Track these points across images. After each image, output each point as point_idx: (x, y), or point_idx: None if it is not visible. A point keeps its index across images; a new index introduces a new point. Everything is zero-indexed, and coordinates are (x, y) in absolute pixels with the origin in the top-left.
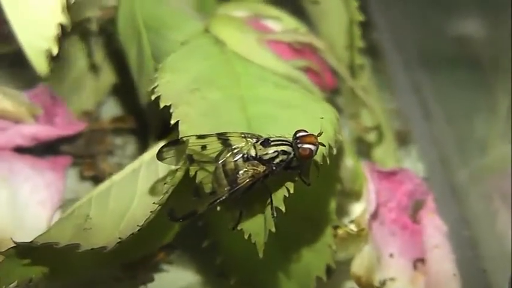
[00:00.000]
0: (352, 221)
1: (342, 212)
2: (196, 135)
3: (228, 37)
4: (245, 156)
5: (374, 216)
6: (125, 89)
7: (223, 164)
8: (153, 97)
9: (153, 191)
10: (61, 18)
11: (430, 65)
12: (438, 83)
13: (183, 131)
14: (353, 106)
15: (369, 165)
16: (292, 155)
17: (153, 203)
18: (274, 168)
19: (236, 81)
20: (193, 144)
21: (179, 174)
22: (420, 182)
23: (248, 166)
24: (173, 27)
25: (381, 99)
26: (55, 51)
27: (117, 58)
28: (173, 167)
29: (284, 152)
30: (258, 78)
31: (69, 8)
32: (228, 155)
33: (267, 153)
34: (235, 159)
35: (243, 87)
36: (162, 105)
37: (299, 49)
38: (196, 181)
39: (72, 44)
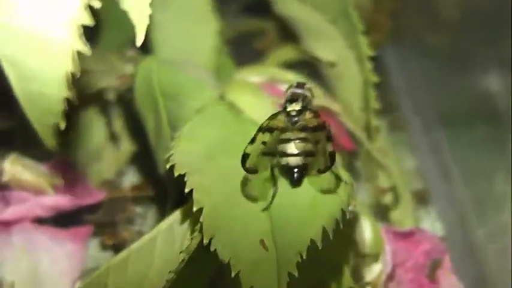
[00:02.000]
0: (368, 283)
1: (358, 273)
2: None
3: (244, 103)
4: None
5: (391, 277)
6: (145, 156)
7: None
8: (168, 165)
9: (169, 259)
10: (67, 93)
11: (448, 123)
12: (456, 141)
13: (198, 199)
14: (370, 168)
15: (385, 227)
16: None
17: (169, 271)
18: None
19: None
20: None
21: (194, 243)
22: (438, 241)
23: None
24: (189, 94)
25: (399, 159)
26: (62, 126)
27: (136, 126)
28: (188, 236)
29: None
30: None
31: (77, 81)
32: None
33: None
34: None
35: None
36: (176, 173)
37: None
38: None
39: (90, 113)
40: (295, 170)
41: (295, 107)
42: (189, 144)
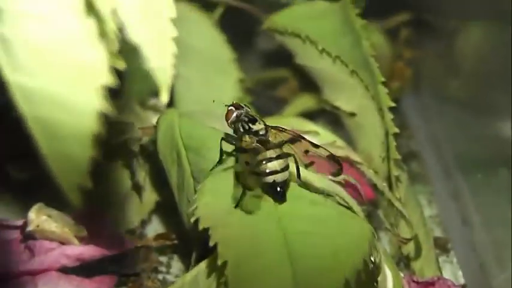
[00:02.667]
0: None
1: None
2: None
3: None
4: None
5: None
6: (169, 206)
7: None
8: (192, 219)
9: None
10: (92, 152)
11: (469, 170)
12: (476, 188)
13: (222, 253)
14: (391, 217)
15: (407, 276)
16: None
17: None
18: None
19: None
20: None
21: None
22: None
23: None
24: (212, 147)
25: (420, 207)
26: (89, 185)
27: (160, 176)
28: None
29: None
30: (294, 196)
31: (100, 139)
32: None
33: None
34: None
35: (280, 205)
36: (201, 227)
37: None
38: None
39: (114, 163)
40: (280, 186)
41: (260, 125)
42: (212, 198)
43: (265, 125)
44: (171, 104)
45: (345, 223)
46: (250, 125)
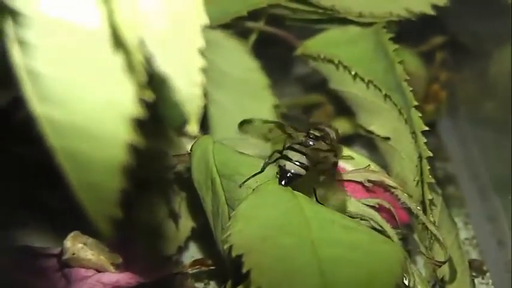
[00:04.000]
0: None
1: None
2: None
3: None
4: None
5: None
6: (205, 232)
7: None
8: (226, 246)
9: None
10: (122, 184)
11: (504, 192)
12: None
13: (255, 279)
14: (426, 241)
15: None
16: None
17: None
18: None
19: (306, 225)
20: None
21: None
22: None
23: None
24: (246, 174)
25: (456, 229)
26: (119, 215)
27: (196, 203)
28: None
29: None
30: (327, 222)
31: (130, 170)
32: None
33: None
34: None
35: (313, 231)
36: (234, 254)
37: (371, 187)
38: None
39: (151, 190)
40: (288, 174)
41: (316, 133)
42: (246, 225)
43: (321, 136)
44: (206, 130)
45: (378, 248)
46: (311, 130)
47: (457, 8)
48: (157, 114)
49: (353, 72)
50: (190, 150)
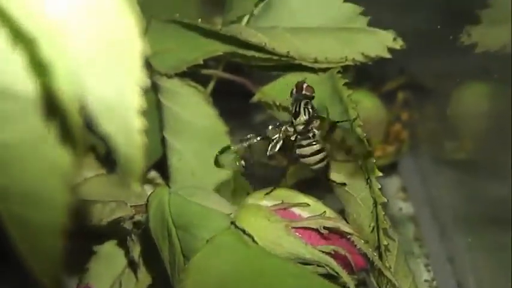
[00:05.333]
0: None
1: None
2: None
3: (255, 228)
4: None
5: None
6: (163, 282)
7: None
8: None
9: None
10: (65, 244)
11: (465, 231)
12: (472, 249)
13: None
14: (383, 285)
15: None
16: None
17: None
18: None
19: (260, 276)
20: None
21: None
22: None
23: None
24: (200, 225)
25: (412, 274)
26: (61, 276)
27: (154, 254)
28: None
29: None
30: (280, 272)
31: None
32: None
33: None
34: None
35: (266, 282)
36: None
37: (326, 234)
38: None
39: (109, 242)
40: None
41: (301, 119)
42: (200, 276)
43: (308, 117)
44: (166, 177)
45: None
46: (293, 118)
47: (415, 48)
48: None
49: None
50: (147, 200)
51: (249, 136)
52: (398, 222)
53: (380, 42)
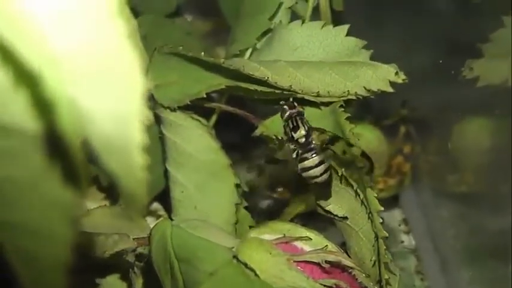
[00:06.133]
0: None
1: None
2: None
3: (257, 262)
4: None
5: None
6: None
7: None
8: None
9: None
10: (66, 278)
11: (465, 263)
12: (473, 282)
13: None
14: None
15: None
16: None
17: None
18: None
19: None
20: None
21: None
22: None
23: None
24: (203, 258)
25: None
26: None
27: (156, 287)
28: None
29: None
30: None
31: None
32: None
33: None
34: None
35: None
36: None
37: (328, 268)
38: None
39: (112, 275)
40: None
41: (301, 133)
42: None
43: (307, 130)
44: (169, 208)
45: None
46: (293, 133)
47: (417, 81)
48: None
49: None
50: (150, 233)
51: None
52: (400, 255)
53: (382, 76)
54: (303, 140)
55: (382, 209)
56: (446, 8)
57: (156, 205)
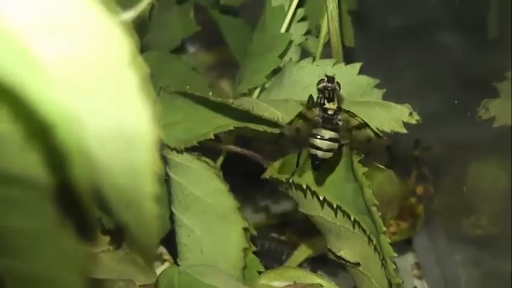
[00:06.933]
0: None
1: None
2: None
3: None
4: None
5: None
6: None
7: None
8: None
9: None
10: None
11: None
12: None
13: None
14: None
15: None
16: None
17: None
18: None
19: None
20: None
21: None
22: None
23: None
24: None
25: None
26: None
27: None
28: None
29: None
30: None
31: None
32: None
33: None
34: None
35: None
36: None
37: None
38: None
39: None
40: (318, 160)
41: (333, 106)
42: None
43: (338, 107)
44: (174, 252)
45: None
46: (326, 101)
47: (432, 119)
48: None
49: (321, 198)
50: (156, 281)
51: None
52: None
53: (396, 117)
54: (331, 113)
55: (396, 255)
56: (460, 44)
57: (161, 249)
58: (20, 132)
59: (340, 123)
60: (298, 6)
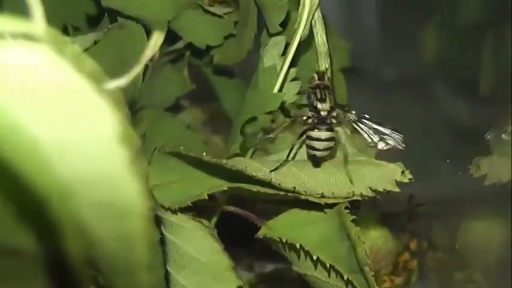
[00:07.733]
0: None
1: None
2: None
3: None
4: None
5: None
6: None
7: None
8: None
9: None
10: None
11: None
12: None
13: None
14: None
15: None
16: None
17: None
18: None
19: None
20: None
21: None
22: None
23: None
24: None
25: None
26: None
27: None
28: None
29: None
30: None
31: None
32: None
33: None
34: None
35: None
36: None
37: None
38: None
39: None
40: (317, 158)
41: (325, 107)
42: None
43: (331, 107)
44: None
45: None
46: (318, 103)
47: (425, 175)
48: None
49: (315, 257)
50: None
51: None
52: None
53: (388, 176)
54: (325, 113)
55: None
56: (454, 100)
57: None
58: (14, 206)
59: (334, 120)
60: (290, 66)
